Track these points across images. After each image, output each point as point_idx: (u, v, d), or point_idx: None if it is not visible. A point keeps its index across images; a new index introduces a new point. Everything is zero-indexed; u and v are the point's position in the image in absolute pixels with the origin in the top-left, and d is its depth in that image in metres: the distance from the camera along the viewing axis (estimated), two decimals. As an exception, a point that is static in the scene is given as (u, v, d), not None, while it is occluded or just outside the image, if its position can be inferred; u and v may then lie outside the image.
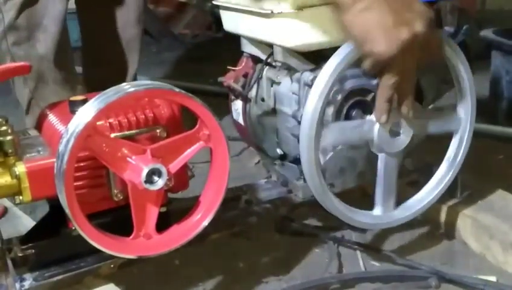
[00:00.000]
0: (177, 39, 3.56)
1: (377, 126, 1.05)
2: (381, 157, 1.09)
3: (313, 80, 1.06)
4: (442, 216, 1.29)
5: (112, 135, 0.95)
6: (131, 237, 0.95)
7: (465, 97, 1.13)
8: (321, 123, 1.00)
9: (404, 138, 1.08)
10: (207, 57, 3.03)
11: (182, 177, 1.04)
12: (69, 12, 1.46)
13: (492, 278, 1.12)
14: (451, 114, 1.15)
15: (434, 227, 1.31)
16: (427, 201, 1.17)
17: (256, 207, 1.23)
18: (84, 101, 0.94)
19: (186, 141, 0.97)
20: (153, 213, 0.95)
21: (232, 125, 1.38)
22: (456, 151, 1.16)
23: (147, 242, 0.96)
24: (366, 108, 1.10)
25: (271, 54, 1.20)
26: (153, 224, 0.96)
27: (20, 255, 1.00)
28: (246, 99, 1.29)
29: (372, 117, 1.05)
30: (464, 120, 1.14)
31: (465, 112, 1.14)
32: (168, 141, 0.96)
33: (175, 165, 0.95)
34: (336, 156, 1.13)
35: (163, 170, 0.92)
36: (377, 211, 1.12)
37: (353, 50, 0.97)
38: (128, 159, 0.92)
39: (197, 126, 0.97)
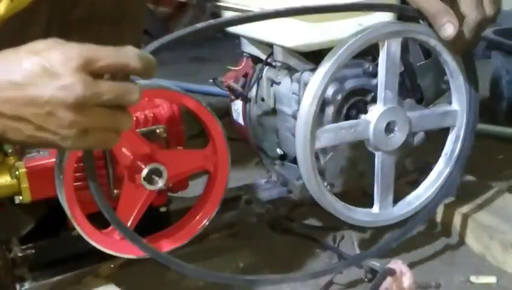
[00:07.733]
0: (177, 39, 3.56)
1: (372, 125, 1.05)
2: (378, 155, 1.09)
3: (313, 80, 1.06)
4: (442, 216, 1.29)
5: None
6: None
7: (460, 92, 1.12)
8: (316, 123, 1.00)
9: (400, 135, 1.08)
10: (207, 57, 3.03)
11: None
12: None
13: (493, 278, 1.12)
14: (447, 109, 1.15)
15: (433, 227, 1.30)
16: (425, 197, 1.16)
17: (256, 207, 1.23)
18: (84, 101, 0.93)
19: (192, 158, 0.98)
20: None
21: (232, 125, 1.37)
22: (453, 146, 1.16)
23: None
24: (364, 108, 1.10)
25: (271, 54, 1.20)
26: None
27: (20, 255, 1.01)
28: (246, 99, 1.29)
29: (366, 116, 1.05)
30: (459, 115, 1.14)
31: (461, 106, 1.14)
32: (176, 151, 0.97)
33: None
34: (336, 156, 1.13)
35: (164, 170, 0.92)
36: (375, 208, 1.13)
37: (347, 49, 0.97)
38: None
39: (207, 147, 0.98)
